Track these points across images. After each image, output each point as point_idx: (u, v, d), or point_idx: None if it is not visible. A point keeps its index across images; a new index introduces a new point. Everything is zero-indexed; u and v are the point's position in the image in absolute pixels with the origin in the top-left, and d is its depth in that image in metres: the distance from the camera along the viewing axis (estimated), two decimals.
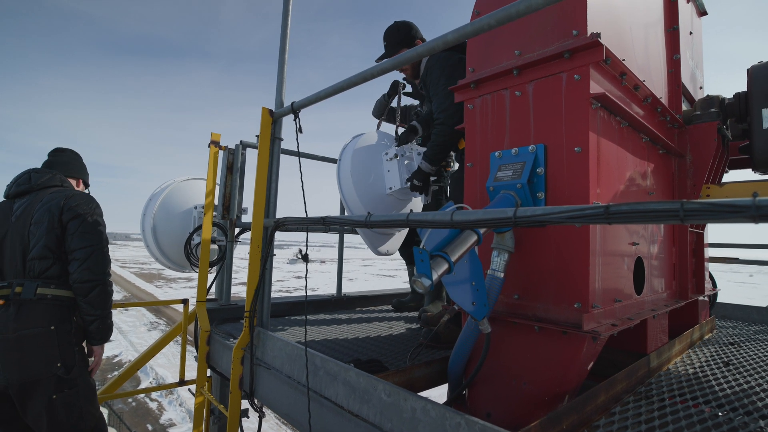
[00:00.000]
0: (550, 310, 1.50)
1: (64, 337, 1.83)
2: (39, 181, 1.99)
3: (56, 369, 1.78)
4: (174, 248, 3.28)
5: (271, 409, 1.93)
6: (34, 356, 1.76)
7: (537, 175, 1.55)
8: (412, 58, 1.38)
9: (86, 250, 1.88)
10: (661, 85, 2.16)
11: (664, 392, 1.57)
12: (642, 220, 0.83)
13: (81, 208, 1.94)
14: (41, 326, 1.79)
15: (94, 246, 1.90)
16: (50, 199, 1.93)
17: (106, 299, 1.93)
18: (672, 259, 2.23)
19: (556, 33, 1.56)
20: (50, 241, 1.87)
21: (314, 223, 1.66)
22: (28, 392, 1.76)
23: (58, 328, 1.82)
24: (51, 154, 2.22)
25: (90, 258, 1.87)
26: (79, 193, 2.02)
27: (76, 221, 1.90)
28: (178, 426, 7.18)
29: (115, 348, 11.36)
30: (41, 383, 1.76)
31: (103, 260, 1.91)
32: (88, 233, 1.91)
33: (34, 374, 1.75)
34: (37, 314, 1.80)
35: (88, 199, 2.02)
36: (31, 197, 1.95)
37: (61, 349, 1.82)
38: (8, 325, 1.76)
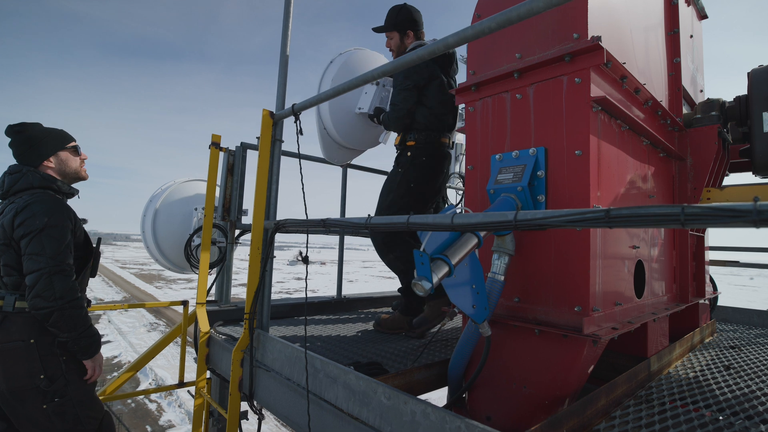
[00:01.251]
0: (551, 314, 1.49)
1: (45, 349, 1.79)
2: (11, 187, 1.88)
3: (39, 381, 1.76)
4: (174, 250, 3.28)
5: (271, 412, 1.93)
6: (16, 368, 1.75)
7: (537, 178, 1.55)
8: (413, 61, 1.38)
9: (33, 276, 1.73)
10: (661, 89, 2.16)
11: (665, 396, 1.56)
12: (643, 224, 0.83)
13: (30, 225, 1.75)
14: (21, 339, 1.76)
15: (41, 270, 1.73)
16: (8, 211, 1.81)
17: (70, 323, 1.78)
18: (672, 262, 2.23)
19: (557, 36, 1.56)
20: (9, 259, 1.79)
21: (314, 225, 1.66)
22: (17, 402, 1.76)
23: (38, 341, 1.78)
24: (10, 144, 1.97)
25: (38, 284, 1.72)
26: (33, 201, 1.81)
27: (24, 240, 1.75)
28: (177, 427, 7.17)
29: (115, 349, 11.34)
30: (27, 394, 1.75)
31: (53, 285, 1.73)
32: (36, 255, 1.74)
33: (19, 385, 1.74)
34: (18, 327, 1.77)
35: (42, 208, 1.80)
36: (4, 204, 1.88)
37: (44, 360, 1.78)
38: None
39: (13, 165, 1.95)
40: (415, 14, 2.67)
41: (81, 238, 2.00)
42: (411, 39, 2.66)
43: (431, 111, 2.52)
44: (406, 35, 2.66)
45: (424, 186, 2.57)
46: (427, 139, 2.53)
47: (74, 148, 2.09)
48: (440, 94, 2.53)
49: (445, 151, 2.63)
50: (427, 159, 2.55)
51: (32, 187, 1.90)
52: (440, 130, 2.56)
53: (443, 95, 2.54)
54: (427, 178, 2.57)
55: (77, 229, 1.96)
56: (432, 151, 2.56)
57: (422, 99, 2.53)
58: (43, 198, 1.85)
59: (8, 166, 1.95)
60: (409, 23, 2.64)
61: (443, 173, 2.65)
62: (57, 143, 2.02)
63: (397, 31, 2.66)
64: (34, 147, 1.96)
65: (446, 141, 2.61)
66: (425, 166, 2.54)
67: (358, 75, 1.58)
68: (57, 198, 1.92)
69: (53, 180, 1.96)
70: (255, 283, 2.01)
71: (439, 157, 2.59)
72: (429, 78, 2.50)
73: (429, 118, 2.52)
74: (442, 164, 2.62)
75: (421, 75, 2.47)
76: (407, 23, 2.64)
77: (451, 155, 2.71)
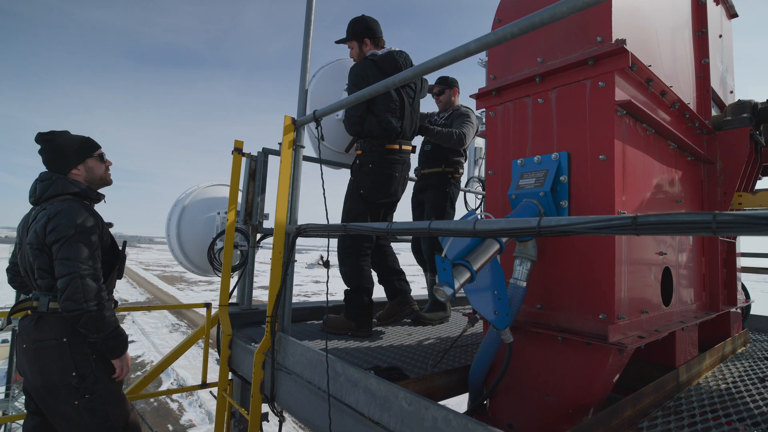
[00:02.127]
0: (574, 321, 1.47)
1: (77, 348, 1.88)
2: (42, 194, 1.98)
3: (71, 378, 1.85)
4: (197, 253, 3.36)
5: (292, 414, 1.95)
6: (50, 366, 1.84)
7: (560, 183, 1.53)
8: (434, 67, 1.39)
9: (65, 280, 1.81)
10: (689, 91, 2.11)
11: (695, 408, 1.51)
12: (671, 232, 0.81)
13: (61, 231, 1.83)
14: (54, 338, 1.85)
15: (72, 275, 1.80)
16: (40, 217, 1.89)
17: (99, 324, 1.86)
18: (702, 269, 2.16)
19: (580, 40, 1.54)
20: (42, 263, 1.88)
21: (336, 230, 1.68)
22: (51, 397, 1.85)
23: (70, 340, 1.87)
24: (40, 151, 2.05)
25: (69, 288, 1.80)
26: (63, 208, 1.89)
27: (56, 245, 1.83)
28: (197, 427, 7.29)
29: (138, 348, 11.64)
30: (60, 390, 1.84)
31: (84, 288, 1.81)
32: (67, 260, 1.81)
33: (53, 382, 1.84)
34: (51, 327, 1.87)
35: (71, 214, 1.88)
36: (37, 210, 1.96)
37: (76, 359, 1.87)
38: (30, 336, 1.86)
39: (43, 172, 2.04)
40: (371, 23, 2.79)
41: (108, 242, 2.07)
42: (369, 47, 2.79)
43: (378, 119, 2.61)
44: (364, 43, 2.78)
45: (374, 193, 2.66)
46: (372, 147, 2.64)
47: (100, 155, 2.17)
48: (387, 102, 2.62)
49: (394, 157, 2.68)
50: (374, 166, 2.64)
51: (62, 194, 1.99)
52: (387, 138, 2.65)
53: (390, 103, 2.63)
54: (376, 185, 2.65)
55: (104, 233, 2.03)
56: (377, 158, 2.64)
57: (371, 108, 2.63)
58: (72, 205, 1.93)
59: (39, 174, 2.05)
60: (366, 32, 2.76)
61: (395, 178, 2.70)
62: (84, 152, 2.11)
63: (356, 41, 2.79)
64: (63, 155, 2.05)
65: (395, 147, 2.68)
66: (372, 173, 2.64)
67: (381, 83, 1.59)
68: (85, 204, 2.01)
69: (82, 186, 2.04)
70: (277, 286, 2.04)
71: (386, 164, 2.66)
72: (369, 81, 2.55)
73: (375, 126, 2.62)
74: (390, 170, 2.68)
75: (367, 83, 2.53)
76: (364, 32, 2.76)
77: (404, 160, 2.75)
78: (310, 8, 2.21)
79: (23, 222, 2.03)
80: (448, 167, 3.20)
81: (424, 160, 3.32)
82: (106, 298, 1.91)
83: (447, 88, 3.39)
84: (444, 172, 3.20)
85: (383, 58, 2.65)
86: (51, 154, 2.04)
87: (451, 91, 3.39)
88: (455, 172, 3.23)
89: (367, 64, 2.62)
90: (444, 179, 3.20)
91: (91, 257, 1.88)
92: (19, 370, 2.00)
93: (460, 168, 3.25)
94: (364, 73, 2.57)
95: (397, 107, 2.66)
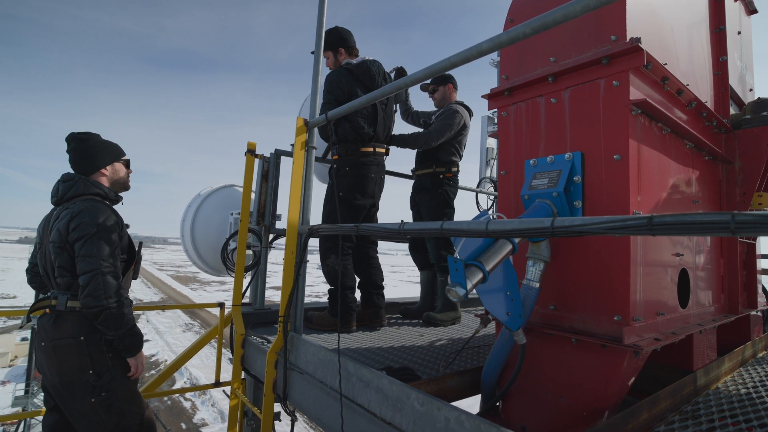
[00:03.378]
0: (588, 322, 1.45)
1: (94, 346, 1.92)
2: (65, 193, 2.03)
3: (88, 376, 1.89)
4: (211, 253, 3.41)
5: (304, 413, 1.96)
6: (68, 364, 1.88)
7: (574, 183, 1.51)
8: (446, 68, 1.39)
9: (86, 276, 1.85)
10: (706, 89, 2.07)
11: (713, 412, 1.48)
12: (689, 232, 0.80)
13: (84, 229, 1.88)
14: (72, 336, 1.90)
15: (94, 271, 1.85)
16: (63, 216, 1.94)
17: (117, 322, 1.90)
18: (720, 270, 2.11)
19: (594, 38, 1.53)
20: (63, 261, 1.92)
21: (348, 231, 1.69)
22: (68, 395, 1.89)
23: (87, 338, 1.91)
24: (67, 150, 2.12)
25: (90, 284, 1.84)
26: (86, 207, 1.94)
27: (79, 243, 1.88)
28: (210, 426, 7.37)
29: (152, 348, 11.82)
30: (77, 388, 1.88)
31: (104, 285, 1.86)
32: (89, 257, 1.86)
33: (70, 380, 1.88)
34: (69, 325, 1.91)
35: (94, 213, 1.93)
36: (60, 209, 2.01)
37: (92, 357, 1.91)
38: (48, 334, 1.91)
39: (66, 173, 2.10)
40: (344, 34, 2.91)
41: (126, 242, 2.12)
42: (343, 56, 2.92)
43: (351, 124, 2.73)
44: (339, 53, 2.91)
45: (352, 194, 2.77)
46: (348, 151, 2.76)
47: (127, 161, 2.28)
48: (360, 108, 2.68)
49: (368, 159, 2.79)
50: (350, 169, 2.76)
51: (84, 194, 2.04)
52: (360, 141, 2.76)
53: (363, 110, 2.74)
54: (354, 187, 2.76)
55: (123, 233, 2.08)
56: (353, 161, 2.76)
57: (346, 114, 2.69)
58: (95, 204, 1.98)
59: (61, 175, 2.11)
60: (340, 42, 2.89)
61: (370, 179, 2.81)
62: (114, 154, 2.20)
63: (330, 51, 2.90)
64: (95, 155, 2.13)
65: (369, 150, 2.79)
66: (348, 175, 2.76)
67: (392, 84, 1.60)
68: (106, 204, 2.06)
69: (103, 188, 2.09)
70: (289, 287, 2.06)
71: (361, 166, 2.77)
72: (348, 93, 2.72)
73: (348, 131, 2.73)
74: (366, 172, 2.79)
75: (341, 89, 2.71)
76: (338, 42, 2.89)
77: (378, 162, 2.86)
78: (322, 10, 2.22)
79: (44, 222, 2.08)
80: (440, 167, 3.18)
81: (417, 161, 3.33)
82: (124, 295, 1.96)
83: (440, 84, 3.34)
84: (435, 172, 3.19)
85: (357, 67, 2.80)
86: (82, 154, 2.11)
87: (445, 88, 3.34)
88: (447, 171, 3.19)
89: (341, 72, 2.78)
90: (436, 180, 3.19)
91: (111, 255, 1.93)
92: (38, 368, 2.05)
93: (453, 167, 3.21)
94: (338, 80, 2.72)
95: (370, 113, 2.80)
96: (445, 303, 3.12)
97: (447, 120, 3.13)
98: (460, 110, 3.19)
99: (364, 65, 2.82)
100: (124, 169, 2.25)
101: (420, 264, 3.41)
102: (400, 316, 3.38)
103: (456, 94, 3.42)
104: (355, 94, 2.74)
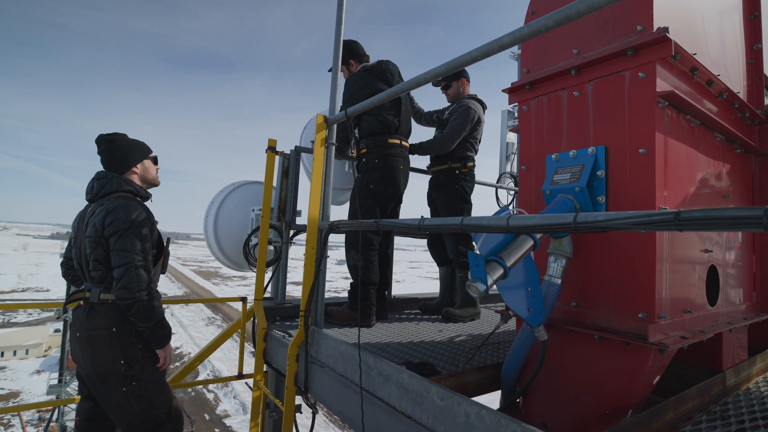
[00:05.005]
0: (612, 319, 1.43)
1: (125, 337, 2.00)
2: (100, 191, 2.12)
3: (120, 366, 1.97)
4: (233, 248, 3.47)
5: (325, 406, 2.00)
6: (101, 354, 1.97)
7: (597, 178, 1.49)
8: (466, 62, 1.38)
9: (121, 269, 1.93)
10: (738, 79, 1.99)
11: (743, 413, 1.44)
12: (718, 228, 0.78)
13: (118, 224, 1.96)
14: (105, 328, 1.98)
15: (128, 265, 1.93)
16: (99, 212, 2.02)
17: (148, 314, 1.97)
18: (752, 267, 2.04)
19: (619, 29, 1.49)
20: (98, 255, 2.00)
21: (368, 227, 1.70)
22: (101, 383, 1.98)
23: (119, 330, 1.99)
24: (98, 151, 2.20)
25: (124, 277, 1.92)
26: (120, 203, 2.02)
27: (114, 237, 1.97)
28: (232, 417, 7.56)
29: (177, 341, 12.15)
30: (110, 377, 1.97)
31: (137, 278, 1.94)
32: (123, 251, 1.94)
33: (103, 369, 1.96)
34: (102, 317, 2.00)
35: (128, 209, 2.01)
36: (95, 206, 2.10)
37: (124, 348, 1.99)
38: (82, 325, 2.00)
39: (100, 171, 2.19)
40: (351, 45, 3.07)
41: (155, 237, 2.19)
42: (355, 66, 3.08)
43: (374, 117, 2.83)
44: (350, 64, 3.09)
45: (383, 185, 2.83)
46: (375, 143, 2.83)
47: (155, 158, 2.37)
48: None
49: (396, 151, 2.87)
50: (380, 160, 2.82)
51: (117, 191, 2.13)
52: (387, 133, 2.85)
53: (386, 103, 2.82)
54: (384, 178, 2.82)
55: (153, 229, 2.15)
56: (382, 152, 2.83)
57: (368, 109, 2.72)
58: (128, 201, 2.07)
59: (95, 173, 2.19)
60: (348, 55, 3.06)
61: (399, 170, 2.89)
62: (143, 153, 2.29)
63: (343, 65, 3.06)
64: (125, 155, 2.22)
65: (396, 142, 2.88)
66: (379, 167, 2.82)
67: (412, 80, 1.60)
68: (138, 201, 2.14)
69: (135, 185, 2.18)
70: (310, 282, 2.09)
71: (390, 157, 2.84)
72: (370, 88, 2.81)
73: (374, 123, 2.83)
74: (394, 164, 2.85)
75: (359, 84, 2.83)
76: (347, 56, 3.05)
77: (405, 155, 2.95)
78: (341, 7, 2.23)
79: (78, 218, 2.17)
80: (455, 163, 3.18)
81: (432, 158, 3.34)
82: (155, 288, 2.03)
83: (453, 80, 3.33)
84: (451, 168, 3.19)
85: (374, 67, 2.95)
86: (113, 154, 2.20)
87: (458, 83, 3.33)
88: (463, 166, 3.18)
89: (359, 73, 2.93)
90: (452, 176, 3.19)
91: (143, 250, 2.01)
92: (73, 357, 2.15)
93: (468, 161, 3.20)
94: (357, 78, 2.89)
95: (393, 106, 2.89)
96: (464, 299, 3.11)
97: (460, 119, 3.14)
98: (472, 105, 3.18)
99: (380, 64, 2.94)
100: (153, 166, 2.33)
101: (438, 260, 3.40)
102: (419, 312, 3.38)
103: (469, 88, 3.41)
104: (378, 89, 2.80)
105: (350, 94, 2.87)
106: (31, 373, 30.73)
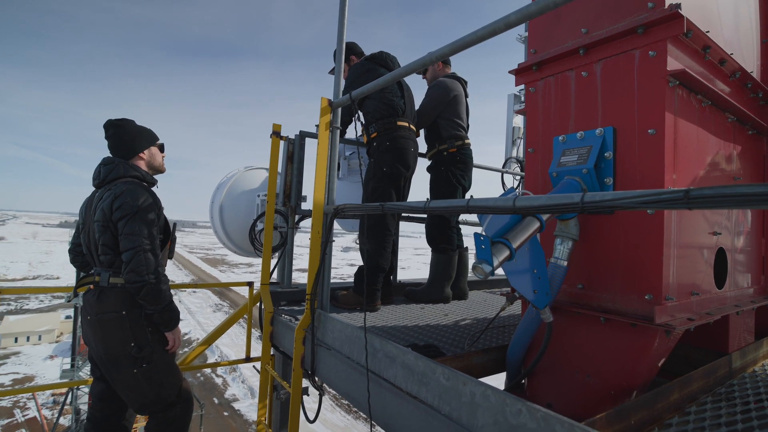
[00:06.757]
0: (618, 301, 1.43)
1: (135, 320, 2.04)
2: (107, 176, 2.13)
3: (130, 348, 2.01)
4: (239, 234, 3.50)
5: (332, 388, 2.03)
6: (111, 336, 2.01)
7: (605, 159, 1.47)
8: (472, 41, 1.35)
9: (129, 253, 1.95)
10: (752, 58, 1.94)
11: (749, 395, 1.44)
12: (729, 205, 0.77)
13: (126, 209, 1.98)
14: (115, 311, 2.02)
15: (137, 248, 1.95)
16: (106, 197, 2.04)
17: (157, 296, 2.00)
18: (761, 251, 2.02)
19: (629, 7, 1.45)
20: (107, 239, 2.02)
21: (372, 210, 1.70)
22: (113, 366, 2.02)
23: (128, 313, 2.03)
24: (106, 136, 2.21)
25: (133, 260, 1.94)
26: (127, 188, 2.03)
27: (122, 222, 1.99)
28: (240, 401, 7.70)
29: (185, 326, 12.35)
30: (121, 359, 2.01)
31: (146, 261, 1.96)
32: (131, 235, 1.96)
33: (114, 351, 2.00)
34: (112, 300, 2.03)
35: (135, 194, 2.02)
36: (102, 191, 2.12)
37: (134, 330, 2.03)
38: (93, 308, 2.03)
39: (106, 157, 2.20)
40: (349, 44, 3.17)
41: (162, 223, 2.21)
42: (356, 62, 3.16)
43: (380, 100, 2.84)
44: (351, 60, 3.20)
45: (395, 167, 2.83)
46: (385, 126, 2.83)
47: (161, 145, 2.38)
48: None
49: (405, 133, 2.86)
50: (391, 142, 2.82)
51: (124, 177, 2.14)
52: (394, 115, 2.85)
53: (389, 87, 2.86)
54: (396, 159, 2.82)
55: (160, 214, 2.17)
56: (393, 134, 2.83)
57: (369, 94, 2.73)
58: (135, 186, 2.09)
59: (102, 159, 2.20)
60: (349, 52, 3.20)
61: (410, 152, 2.89)
62: (150, 139, 2.30)
63: (345, 62, 3.02)
64: (132, 140, 2.23)
65: (404, 124, 2.88)
66: (391, 149, 2.82)
67: (417, 61, 1.58)
68: (145, 186, 2.15)
69: (141, 171, 2.19)
70: (316, 265, 2.10)
71: (401, 139, 2.84)
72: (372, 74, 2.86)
73: (380, 107, 2.84)
74: (405, 145, 2.85)
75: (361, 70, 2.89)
76: (348, 53, 3.16)
77: (413, 137, 2.95)
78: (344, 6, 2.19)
79: (86, 203, 2.19)
80: (441, 144, 3.16)
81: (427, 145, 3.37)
82: (162, 272, 2.06)
83: None
84: (439, 151, 3.18)
85: (375, 55, 3.02)
86: (120, 139, 2.21)
87: (433, 66, 3.36)
88: (450, 147, 3.15)
89: (361, 62, 3.01)
90: (439, 158, 3.19)
91: (150, 234, 2.04)
92: (85, 340, 2.19)
93: (456, 141, 3.16)
94: (359, 65, 2.97)
95: (396, 89, 2.91)
96: (431, 283, 3.13)
97: (427, 98, 3.18)
98: (444, 83, 3.17)
99: (381, 54, 3.02)
100: (159, 153, 2.35)
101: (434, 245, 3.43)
102: None
103: (449, 68, 3.41)
104: (380, 75, 2.82)
105: (352, 80, 2.89)
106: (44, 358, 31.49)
